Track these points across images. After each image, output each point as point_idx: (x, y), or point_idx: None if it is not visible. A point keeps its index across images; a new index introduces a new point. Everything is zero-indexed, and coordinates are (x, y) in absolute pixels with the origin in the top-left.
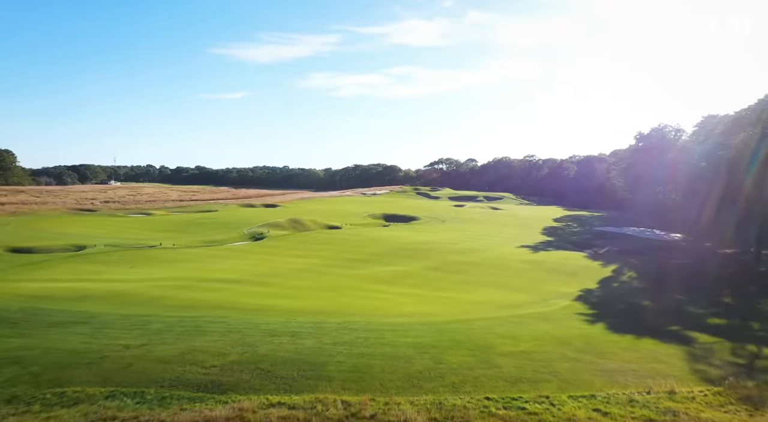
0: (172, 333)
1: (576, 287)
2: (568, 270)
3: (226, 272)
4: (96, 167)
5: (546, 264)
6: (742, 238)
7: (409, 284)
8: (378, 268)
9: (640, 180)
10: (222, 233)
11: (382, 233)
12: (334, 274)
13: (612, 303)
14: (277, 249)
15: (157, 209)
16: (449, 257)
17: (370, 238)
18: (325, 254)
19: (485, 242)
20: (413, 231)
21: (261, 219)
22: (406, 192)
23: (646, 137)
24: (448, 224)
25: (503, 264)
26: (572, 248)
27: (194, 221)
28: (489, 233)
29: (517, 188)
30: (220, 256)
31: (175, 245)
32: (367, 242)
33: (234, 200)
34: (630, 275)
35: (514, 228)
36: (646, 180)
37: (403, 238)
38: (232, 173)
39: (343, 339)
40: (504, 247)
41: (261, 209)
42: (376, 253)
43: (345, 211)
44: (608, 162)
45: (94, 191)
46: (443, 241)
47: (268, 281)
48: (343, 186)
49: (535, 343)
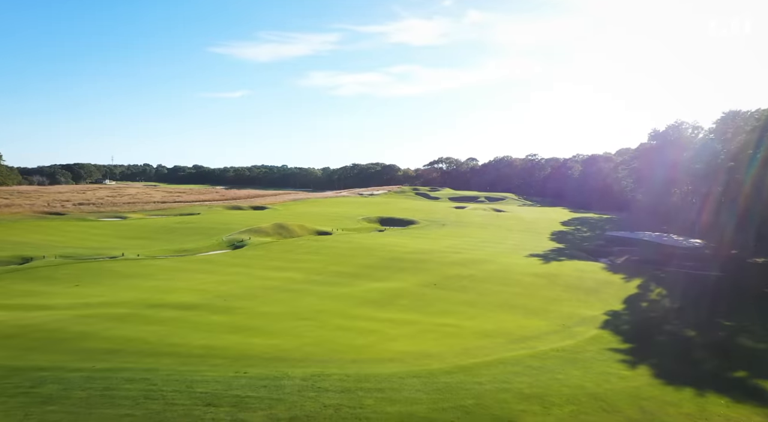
0: (66, 403)
1: (600, 309)
2: (587, 286)
3: (185, 293)
4: (90, 166)
5: (561, 278)
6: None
7: (402, 306)
8: (368, 284)
9: (652, 181)
10: (198, 240)
11: (376, 239)
12: (315, 293)
13: (648, 333)
14: (255, 260)
15: (134, 212)
16: (450, 269)
17: (362, 246)
18: (309, 267)
19: (490, 250)
20: (410, 237)
21: (245, 224)
22: (405, 192)
23: (661, 134)
24: (448, 229)
25: (512, 279)
26: (586, 257)
27: (170, 226)
28: (493, 238)
29: (519, 188)
30: (187, 269)
31: (140, 256)
32: (359, 252)
33: (221, 201)
34: (659, 293)
35: (519, 233)
36: (660, 181)
37: (398, 246)
38: (229, 172)
39: (306, 410)
40: (511, 256)
41: (248, 212)
42: (367, 265)
43: (338, 214)
44: (615, 161)
45: (72, 192)
46: (443, 249)
47: (232, 305)
48: (341, 186)
49: (571, 410)
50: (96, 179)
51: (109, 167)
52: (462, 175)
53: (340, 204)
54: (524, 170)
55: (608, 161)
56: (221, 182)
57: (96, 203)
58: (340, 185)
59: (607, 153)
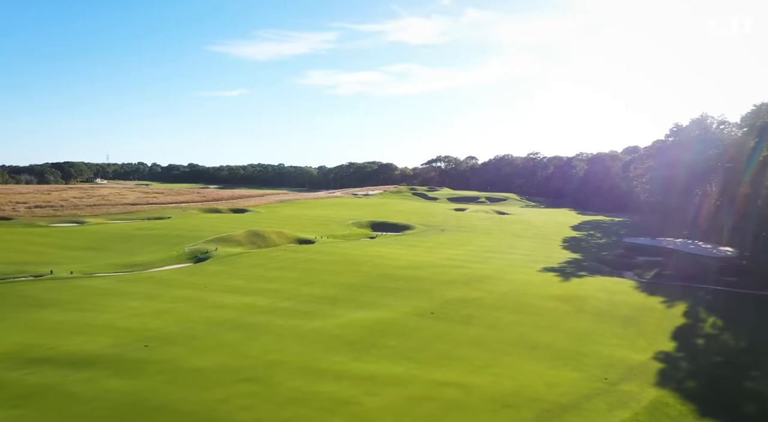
0: None
1: (646, 350)
2: (622, 313)
3: (97, 334)
4: (81, 165)
5: (587, 303)
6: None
7: (389, 350)
8: (348, 313)
9: (672, 181)
10: (155, 251)
11: (365, 249)
12: (276, 330)
13: (727, 395)
14: (215, 279)
15: (96, 216)
16: (451, 290)
17: (346, 259)
18: (278, 288)
19: (497, 263)
20: (404, 247)
21: (217, 230)
22: (402, 192)
23: (683, 129)
24: (447, 235)
25: (528, 304)
26: (609, 271)
27: (130, 233)
28: (499, 247)
29: (520, 188)
30: (123, 293)
31: (73, 273)
32: (342, 266)
33: (200, 203)
34: (714, 324)
35: (528, 240)
36: (681, 181)
37: (389, 258)
38: (223, 171)
39: None
40: (522, 271)
41: (225, 216)
42: (349, 285)
43: (327, 217)
44: (623, 160)
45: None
46: (442, 262)
47: (150, 357)
48: (337, 185)
49: None
50: (87, 178)
51: (102, 166)
52: (461, 174)
53: (331, 206)
54: (526, 169)
55: (615, 159)
56: (215, 181)
57: (56, 206)
58: (337, 185)
59: (614, 152)
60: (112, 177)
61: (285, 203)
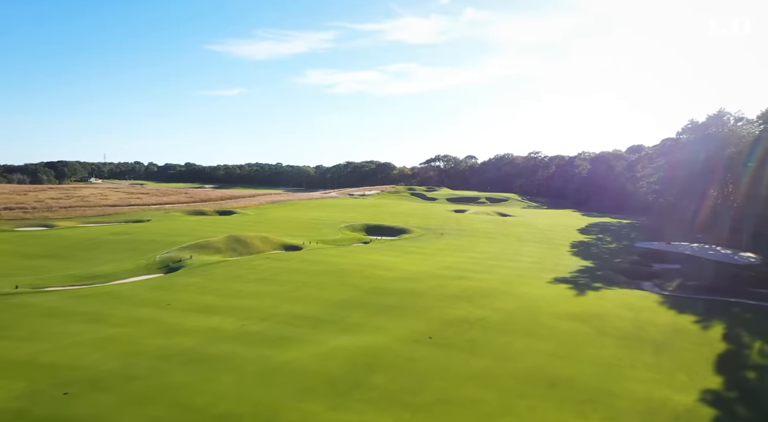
0: None
1: (690, 390)
2: (651, 337)
3: (7, 375)
4: (75, 164)
5: (608, 323)
6: None
7: (377, 391)
8: (329, 341)
9: (684, 181)
10: (123, 260)
11: (356, 257)
12: (237, 366)
13: None
14: (182, 294)
15: (69, 219)
16: (452, 308)
17: (335, 268)
18: (252, 306)
19: (502, 272)
20: (400, 253)
21: (196, 235)
22: (399, 193)
23: (699, 127)
24: (447, 240)
25: (540, 325)
26: (626, 282)
27: (100, 238)
28: (503, 254)
29: (521, 188)
30: (66, 314)
31: (18, 288)
32: (328, 278)
33: (186, 204)
34: (763, 351)
35: (534, 245)
36: (694, 181)
37: (383, 268)
38: (220, 170)
39: None
40: (531, 282)
41: (210, 219)
42: (335, 302)
43: (319, 220)
44: (627, 160)
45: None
46: (442, 272)
47: (59, 414)
48: (334, 184)
49: None
50: (81, 178)
51: (98, 165)
52: (460, 173)
53: (325, 207)
54: (526, 169)
55: (619, 159)
56: (212, 180)
57: (27, 208)
58: (334, 184)
59: (617, 151)
60: (108, 176)
61: (276, 204)
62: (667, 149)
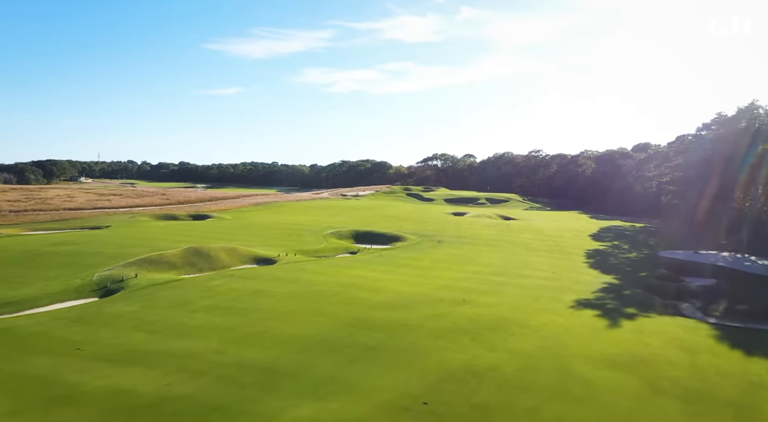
0: None
1: None
2: (724, 396)
3: None
4: (64, 163)
5: (661, 372)
6: None
7: None
8: (281, 415)
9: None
10: (55, 277)
11: (337, 275)
12: None
13: None
14: (100, 333)
15: (15, 226)
16: (453, 351)
17: (309, 289)
18: (192, 349)
19: (513, 293)
20: (390, 267)
21: (153, 245)
22: (395, 193)
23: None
24: (446, 249)
25: (573, 376)
26: (662, 305)
27: (39, 250)
28: (511, 267)
29: (522, 188)
30: None
31: None
32: (301, 304)
33: (159, 207)
34: None
35: (544, 255)
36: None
37: (368, 288)
38: (213, 170)
39: None
40: (549, 308)
41: (179, 224)
42: (300, 340)
43: (303, 225)
44: (635, 159)
45: None
46: (439, 295)
47: None
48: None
49: None
50: (71, 177)
51: (89, 164)
52: (459, 173)
53: (313, 210)
54: (527, 168)
55: (626, 157)
56: (205, 179)
57: None
58: (329, 184)
59: (623, 149)
60: (99, 176)
61: (260, 206)
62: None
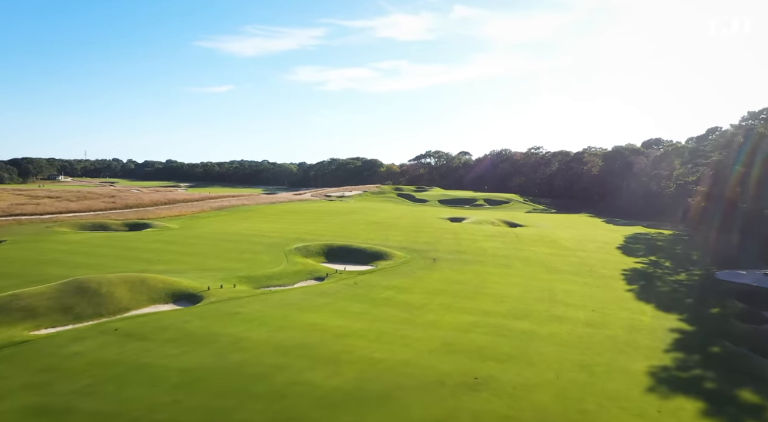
0: None
1: None
2: None
3: None
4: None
5: None
6: None
7: None
8: None
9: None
10: None
11: (281, 326)
12: None
13: None
14: None
15: None
16: None
17: (224, 362)
18: None
19: (548, 356)
20: (364, 308)
21: (30, 276)
22: (385, 193)
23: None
24: (443, 272)
25: None
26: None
27: None
28: (535, 302)
29: (521, 188)
30: None
31: None
32: (191, 401)
33: (98, 212)
34: None
35: (572, 279)
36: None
37: (322, 356)
38: (198, 168)
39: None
40: (617, 392)
41: (104, 237)
42: None
43: (266, 236)
44: (649, 155)
45: None
46: (435, 368)
47: None
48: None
49: None
50: (49, 175)
51: (70, 162)
52: (453, 171)
53: (285, 215)
54: (526, 166)
55: (638, 154)
56: (189, 178)
57: None
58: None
59: (631, 145)
60: (81, 174)
61: (223, 211)
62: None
